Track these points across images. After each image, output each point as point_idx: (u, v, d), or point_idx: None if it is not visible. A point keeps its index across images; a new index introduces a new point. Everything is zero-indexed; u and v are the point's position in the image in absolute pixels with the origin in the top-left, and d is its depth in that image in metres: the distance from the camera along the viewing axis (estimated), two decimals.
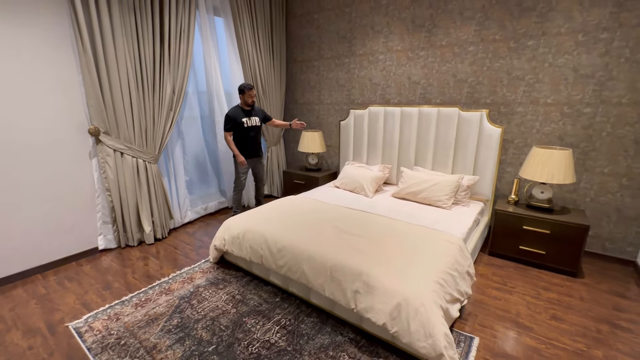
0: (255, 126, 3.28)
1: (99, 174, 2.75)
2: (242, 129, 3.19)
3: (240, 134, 3.21)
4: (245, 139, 3.24)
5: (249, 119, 3.21)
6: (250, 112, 3.25)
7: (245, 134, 3.22)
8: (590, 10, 2.41)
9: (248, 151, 3.29)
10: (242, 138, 3.23)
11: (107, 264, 2.66)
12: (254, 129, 3.28)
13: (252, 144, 3.31)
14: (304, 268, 1.93)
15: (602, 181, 2.59)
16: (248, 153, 3.30)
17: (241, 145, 3.25)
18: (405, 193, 2.96)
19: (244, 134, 3.22)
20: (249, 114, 3.23)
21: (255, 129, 3.29)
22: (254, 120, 3.26)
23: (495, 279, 2.41)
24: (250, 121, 3.22)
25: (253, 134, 3.28)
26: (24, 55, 2.27)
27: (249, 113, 3.24)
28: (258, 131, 3.34)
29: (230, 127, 3.17)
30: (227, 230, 2.44)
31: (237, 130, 3.19)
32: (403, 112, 3.26)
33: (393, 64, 3.42)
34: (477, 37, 2.89)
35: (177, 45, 2.96)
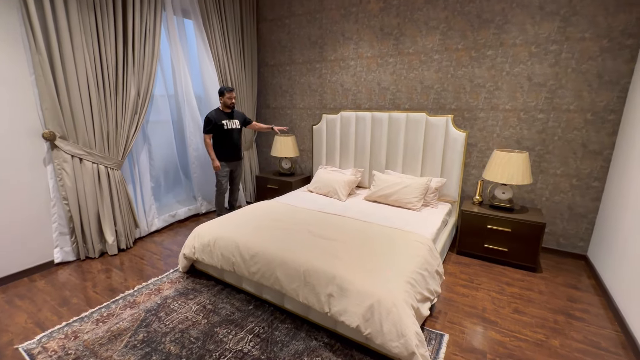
0: (236, 129, 3.26)
1: (55, 182, 2.56)
2: (222, 132, 3.17)
3: (221, 136, 3.18)
4: (225, 141, 3.21)
5: (229, 121, 3.19)
6: (231, 115, 3.23)
7: (225, 136, 3.19)
8: (541, 24, 2.61)
9: (228, 154, 3.26)
10: (223, 141, 3.20)
11: (64, 279, 2.47)
12: (235, 131, 3.26)
13: (233, 147, 3.28)
14: (277, 274, 1.91)
15: (556, 182, 2.79)
16: (228, 156, 3.27)
17: (221, 148, 3.21)
18: (377, 196, 3.02)
19: (224, 136, 3.19)
20: (230, 117, 3.22)
21: (236, 132, 3.27)
22: (235, 122, 3.24)
23: (463, 276, 2.51)
24: (230, 123, 3.20)
25: (233, 136, 3.25)
26: None
27: (230, 116, 3.22)
28: (238, 134, 3.31)
29: (209, 130, 3.12)
30: (197, 238, 2.36)
31: (217, 132, 3.16)
32: (374, 117, 3.33)
33: (363, 70, 3.50)
34: (441, 46, 3.03)
35: (142, 46, 2.85)
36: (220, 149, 3.23)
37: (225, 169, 3.30)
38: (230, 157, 3.30)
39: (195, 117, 3.59)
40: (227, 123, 3.19)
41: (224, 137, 3.20)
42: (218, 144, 3.22)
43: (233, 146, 3.28)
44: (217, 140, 3.21)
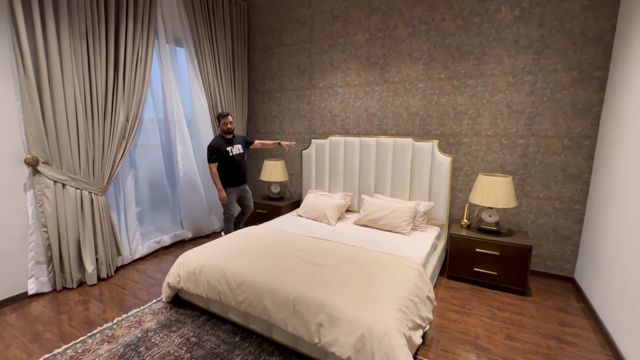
0: (240, 154, 3.29)
1: (35, 208, 2.47)
2: (227, 158, 3.19)
3: (226, 163, 3.19)
4: (231, 168, 3.23)
5: (232, 147, 3.21)
6: (232, 141, 3.25)
7: (230, 162, 3.21)
8: (516, 57, 2.78)
9: (235, 179, 3.28)
10: (229, 167, 3.22)
11: (37, 311, 2.33)
12: (239, 156, 3.28)
13: (239, 172, 3.31)
14: (265, 303, 1.85)
15: (539, 205, 2.86)
16: (235, 181, 3.28)
17: (227, 174, 3.22)
18: (366, 220, 3.02)
19: (229, 163, 3.21)
20: (231, 143, 3.23)
21: (240, 156, 3.30)
22: (237, 147, 3.26)
23: (454, 302, 2.48)
24: (234, 149, 3.23)
25: (238, 161, 3.28)
26: None
27: (231, 142, 3.24)
28: (242, 158, 3.34)
29: (215, 158, 3.14)
30: (183, 266, 2.28)
31: (222, 160, 3.16)
32: (362, 142, 3.40)
33: (351, 97, 3.61)
34: (425, 75, 3.18)
35: (133, 73, 2.88)
36: (228, 176, 3.23)
37: (232, 196, 3.30)
38: (238, 182, 3.32)
39: (186, 141, 3.57)
40: (231, 149, 3.20)
41: (229, 163, 3.21)
42: (224, 172, 3.21)
43: (239, 171, 3.30)
44: (223, 168, 3.20)
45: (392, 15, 3.25)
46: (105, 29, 2.66)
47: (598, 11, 2.48)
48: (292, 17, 3.84)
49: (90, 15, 2.54)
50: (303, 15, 3.77)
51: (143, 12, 2.91)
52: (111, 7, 2.66)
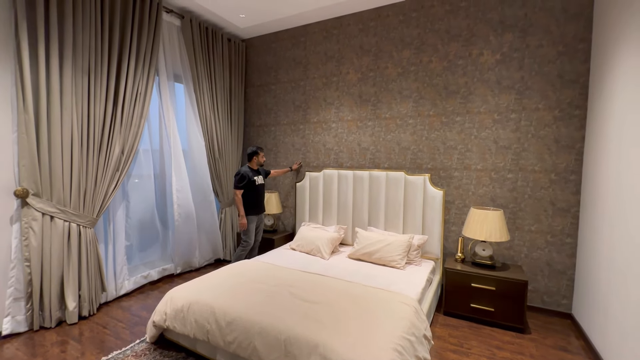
0: (262, 184, 3.53)
1: (19, 242, 2.40)
2: (254, 187, 3.41)
3: (253, 191, 3.41)
4: (256, 196, 3.45)
5: (257, 177, 3.45)
6: (257, 172, 3.50)
7: (256, 191, 3.44)
8: (500, 96, 2.94)
9: (258, 208, 3.48)
10: (254, 195, 3.43)
11: (10, 354, 2.17)
12: (261, 187, 3.52)
13: (261, 201, 3.54)
14: (255, 343, 1.76)
15: (532, 238, 2.88)
16: (258, 209, 3.48)
17: (252, 202, 3.41)
18: (360, 254, 2.98)
19: (255, 191, 3.43)
20: (257, 173, 3.48)
21: (262, 187, 3.53)
22: (260, 178, 3.51)
23: (452, 340, 2.40)
24: (259, 179, 3.47)
25: (262, 191, 3.52)
26: None
27: (257, 172, 3.49)
28: (264, 189, 3.58)
29: (242, 186, 3.34)
30: (170, 302, 2.19)
31: (248, 188, 3.37)
32: (355, 175, 3.45)
33: (344, 131, 3.72)
34: (415, 112, 3.32)
35: (132, 107, 2.94)
36: (253, 203, 3.41)
37: (252, 224, 3.44)
38: (260, 210, 3.52)
39: (182, 173, 3.56)
40: (257, 179, 3.44)
41: (255, 191, 3.42)
42: (249, 200, 3.39)
43: (262, 200, 3.55)
44: (249, 196, 3.39)
45: (382, 56, 3.45)
46: (108, 65, 2.76)
47: (572, 56, 2.67)
48: (288, 56, 4.05)
49: (94, 53, 2.65)
50: (298, 55, 3.97)
51: (145, 51, 3.05)
52: (115, 46, 2.79)
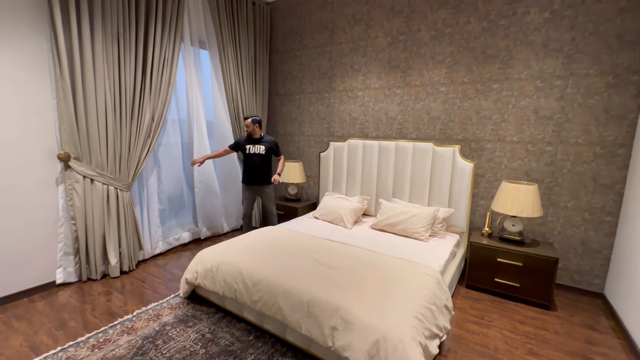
0: (258, 154, 3.34)
1: (65, 202, 2.60)
2: (245, 155, 3.39)
3: (245, 159, 3.41)
4: (246, 164, 3.40)
5: (253, 146, 3.34)
6: (257, 141, 3.36)
7: (248, 159, 3.38)
8: (545, 60, 2.67)
9: (248, 177, 3.41)
10: (245, 163, 3.41)
11: (64, 300, 2.44)
12: (256, 156, 3.35)
13: (252, 171, 3.38)
14: (279, 303, 1.85)
15: (567, 215, 2.73)
16: (247, 179, 3.41)
17: (244, 171, 3.43)
18: (383, 225, 2.98)
19: (246, 159, 3.39)
20: (255, 142, 3.35)
21: (257, 157, 3.34)
22: (259, 148, 3.34)
23: (473, 312, 2.40)
24: (254, 148, 3.34)
25: (253, 160, 3.36)
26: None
27: (256, 141, 3.36)
28: (261, 160, 3.35)
29: (232, 146, 3.46)
30: (201, 262, 2.33)
31: (243, 154, 3.40)
32: (381, 146, 3.37)
33: (371, 100, 3.59)
34: (447, 79, 3.11)
35: (160, 74, 2.98)
36: (244, 172, 3.44)
37: (244, 193, 3.47)
38: (248, 180, 3.40)
39: (204, 142, 3.65)
40: (251, 147, 3.35)
41: (246, 159, 3.40)
42: (244, 167, 3.44)
43: (252, 170, 3.37)
44: (244, 164, 3.44)
45: (415, 18, 3.21)
46: (136, 31, 2.78)
47: (636, 13, 2.35)
48: (314, 20, 3.87)
49: (122, 18, 2.66)
50: (325, 19, 3.79)
51: (171, 16, 3.02)
52: (141, 11, 2.78)
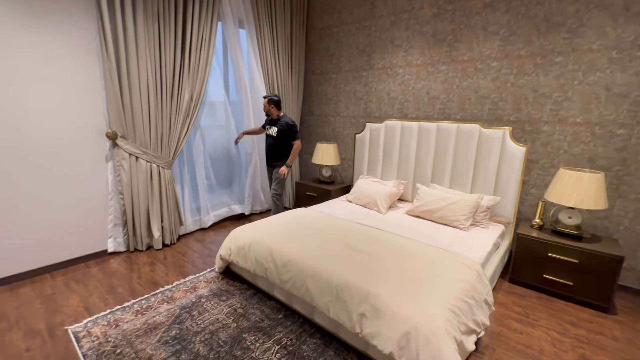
0: (271, 136, 3.31)
1: (114, 177, 2.79)
2: (266, 135, 3.43)
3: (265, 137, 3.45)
4: (266, 144, 3.44)
5: (269, 127, 3.34)
6: (273, 122, 3.30)
7: (266, 139, 3.42)
8: (625, 27, 2.27)
9: (266, 157, 3.47)
10: (266, 143, 3.44)
11: (114, 267, 2.66)
12: (270, 138, 3.35)
13: (267, 152, 3.43)
14: (308, 285, 1.84)
15: (638, 209, 2.38)
16: (266, 159, 3.48)
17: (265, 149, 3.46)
18: (420, 211, 2.83)
19: (266, 139, 3.42)
20: (273, 123, 3.31)
21: (271, 139, 3.33)
22: (273, 130, 3.29)
23: (517, 309, 2.22)
24: (270, 129, 3.33)
25: (269, 142, 3.37)
26: (52, 58, 2.36)
27: (273, 122, 3.31)
28: (273, 141, 3.31)
29: (263, 124, 3.53)
30: (234, 240, 2.39)
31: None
32: (421, 127, 3.16)
33: (412, 78, 3.35)
34: (501, 53, 2.79)
35: (198, 54, 3.02)
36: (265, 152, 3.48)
37: (267, 173, 3.58)
38: (267, 160, 3.48)
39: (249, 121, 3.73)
40: (268, 128, 3.36)
41: (266, 141, 3.42)
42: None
43: (267, 151, 3.43)
44: None
45: None
46: (175, 11, 2.80)
47: None
48: None
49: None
50: None
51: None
52: None
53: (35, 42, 2.27)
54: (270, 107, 3.21)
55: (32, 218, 2.42)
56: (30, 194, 2.39)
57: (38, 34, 2.28)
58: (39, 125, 2.37)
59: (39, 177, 2.42)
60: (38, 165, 2.40)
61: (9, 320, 1.97)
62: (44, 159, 2.42)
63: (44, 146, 2.41)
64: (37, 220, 2.44)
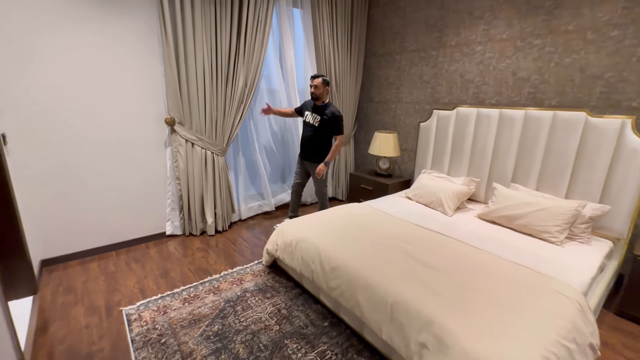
0: (312, 125, 2.84)
1: (172, 163, 2.85)
2: (303, 122, 2.97)
3: (303, 126, 3.00)
4: (302, 133, 2.99)
5: (311, 114, 2.86)
6: (318, 109, 2.83)
7: (303, 128, 2.97)
8: None
9: (301, 149, 3.01)
10: (302, 132, 3.01)
11: (170, 250, 2.74)
12: (309, 128, 2.88)
13: (304, 144, 2.96)
14: (359, 298, 1.61)
15: None
16: (301, 151, 3.02)
17: (301, 139, 3.03)
18: (497, 216, 2.38)
19: (303, 127, 2.99)
20: (316, 110, 2.84)
21: (311, 129, 2.86)
22: (315, 118, 2.82)
23: (629, 353, 1.72)
24: (311, 117, 2.86)
25: (307, 132, 2.90)
26: (117, 45, 2.42)
27: (317, 109, 2.84)
28: (312, 132, 2.85)
29: (297, 108, 3.06)
30: (281, 235, 2.25)
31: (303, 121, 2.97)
32: (502, 115, 2.64)
33: (494, 56, 2.80)
34: (625, 18, 2.13)
35: (253, 37, 2.89)
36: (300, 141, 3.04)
37: (297, 164, 3.09)
38: (301, 152, 3.02)
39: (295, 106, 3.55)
40: (308, 115, 2.87)
41: (303, 128, 2.99)
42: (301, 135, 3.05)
43: (303, 142, 2.95)
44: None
45: None
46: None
47: None
48: None
49: None
50: None
51: None
52: None
53: (102, 30, 2.34)
54: (325, 89, 2.79)
55: (102, 199, 2.57)
56: (103, 179, 2.55)
57: (104, 22, 2.34)
58: (109, 111, 2.47)
59: (109, 164, 2.55)
60: (107, 149, 2.52)
61: (76, 294, 2.12)
62: (112, 143, 2.54)
63: (112, 134, 2.52)
64: (106, 202, 2.60)
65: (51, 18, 2.15)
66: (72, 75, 2.29)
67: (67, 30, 2.22)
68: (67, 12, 2.19)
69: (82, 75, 2.33)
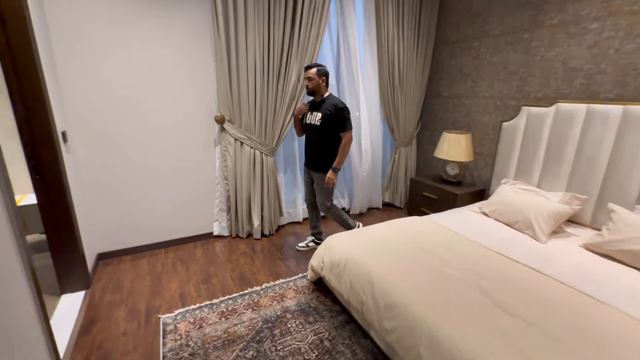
0: (314, 126, 2.31)
1: (220, 162, 2.76)
2: (304, 125, 2.45)
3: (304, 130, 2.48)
4: (305, 139, 2.49)
5: (311, 114, 2.35)
6: (317, 105, 2.32)
7: (305, 131, 2.46)
8: None
9: (306, 156, 2.51)
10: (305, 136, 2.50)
11: (216, 252, 2.66)
12: (312, 129, 2.35)
13: (306, 149, 2.46)
14: (421, 350, 1.24)
15: None
16: (305, 159, 2.53)
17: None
18: (615, 249, 1.77)
19: (305, 131, 2.47)
20: (315, 108, 2.34)
21: (313, 130, 2.34)
22: (316, 117, 2.29)
23: None
24: (311, 117, 2.35)
25: (310, 136, 2.41)
26: (172, 40, 2.37)
27: (316, 106, 2.33)
28: (317, 134, 2.32)
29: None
30: (328, 251, 1.97)
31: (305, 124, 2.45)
32: (626, 114, 1.98)
33: (616, 35, 2.13)
34: None
35: (308, 27, 2.64)
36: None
37: (304, 174, 2.62)
38: (305, 160, 2.52)
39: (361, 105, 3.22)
40: (308, 115, 2.38)
41: (305, 133, 2.48)
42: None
43: (305, 147, 2.46)
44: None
45: None
46: None
47: None
48: None
49: None
50: None
51: None
52: None
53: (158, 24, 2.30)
54: (320, 81, 2.25)
55: (155, 197, 2.58)
56: (155, 177, 2.55)
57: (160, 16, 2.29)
58: (160, 109, 2.45)
59: (161, 162, 2.54)
60: (160, 146, 2.51)
61: (122, 293, 2.11)
62: (166, 140, 2.52)
63: (166, 128, 2.50)
64: (159, 201, 2.60)
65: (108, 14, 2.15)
66: (129, 72, 2.29)
67: (125, 28, 2.21)
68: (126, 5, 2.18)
69: (139, 72, 2.32)
